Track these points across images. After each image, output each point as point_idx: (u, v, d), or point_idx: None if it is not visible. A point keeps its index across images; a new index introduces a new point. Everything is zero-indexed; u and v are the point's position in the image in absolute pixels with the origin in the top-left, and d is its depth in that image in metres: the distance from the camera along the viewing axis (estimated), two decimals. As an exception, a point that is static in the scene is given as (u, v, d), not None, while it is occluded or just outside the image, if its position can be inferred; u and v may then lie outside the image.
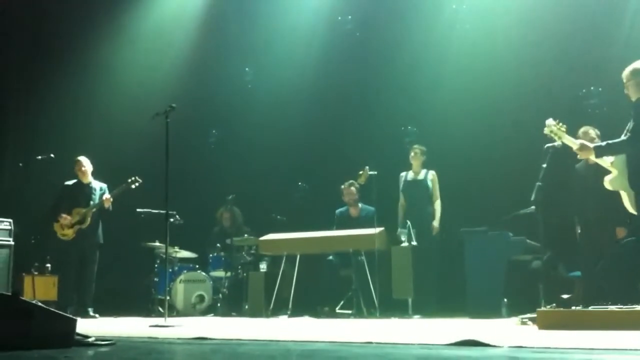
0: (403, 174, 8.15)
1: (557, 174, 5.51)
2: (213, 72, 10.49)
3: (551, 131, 5.29)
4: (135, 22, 10.62)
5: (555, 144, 5.69)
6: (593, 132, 6.09)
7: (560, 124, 5.30)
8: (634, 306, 4.72)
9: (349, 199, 8.31)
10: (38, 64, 10.89)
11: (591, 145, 5.14)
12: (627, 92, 5.24)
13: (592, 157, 5.21)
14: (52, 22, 10.76)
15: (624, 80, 5.26)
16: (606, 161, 5.20)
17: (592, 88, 7.65)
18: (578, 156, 5.31)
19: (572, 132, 6.34)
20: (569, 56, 8.04)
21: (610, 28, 7.92)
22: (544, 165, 5.58)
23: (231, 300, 8.57)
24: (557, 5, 8.25)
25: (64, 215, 8.14)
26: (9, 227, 8.23)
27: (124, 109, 10.33)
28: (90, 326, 5.62)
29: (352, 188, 8.24)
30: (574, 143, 5.26)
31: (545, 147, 5.68)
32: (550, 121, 5.30)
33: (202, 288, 8.67)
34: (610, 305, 4.81)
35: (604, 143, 5.11)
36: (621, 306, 4.76)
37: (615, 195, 5.24)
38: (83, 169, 8.29)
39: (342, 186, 8.33)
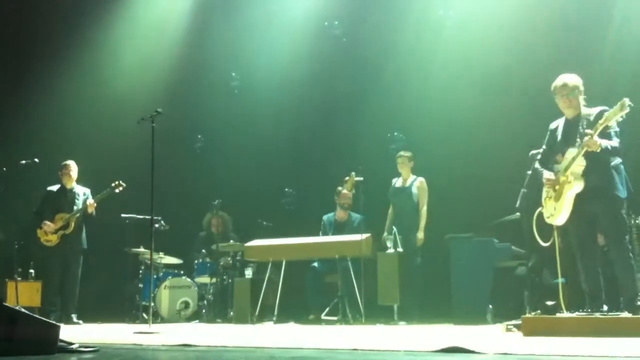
0: (394, 180, 8.14)
1: (542, 180, 5.53)
2: (200, 77, 10.46)
3: (623, 107, 4.87)
4: (121, 26, 10.58)
5: (540, 150, 5.71)
6: None
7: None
8: (617, 313, 4.75)
9: (345, 202, 8.22)
10: (22, 67, 10.81)
11: (599, 143, 4.95)
12: (562, 100, 5.27)
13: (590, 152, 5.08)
14: (37, 24, 10.68)
15: (565, 92, 5.25)
16: (582, 167, 5.12)
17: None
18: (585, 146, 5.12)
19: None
20: (556, 64, 8.06)
21: (599, 32, 7.95)
22: (529, 172, 5.61)
23: (216, 307, 8.53)
24: (544, 11, 8.29)
25: (47, 223, 8.09)
26: (-8, 233, 8.17)
27: (109, 113, 10.28)
28: (74, 332, 5.58)
29: (350, 193, 8.14)
30: (597, 130, 5.00)
31: (530, 153, 5.71)
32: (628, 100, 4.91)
33: (187, 294, 8.63)
34: (594, 312, 4.85)
35: (609, 145, 5.03)
36: (605, 313, 4.79)
37: (591, 204, 5.20)
38: (71, 173, 8.24)
39: (340, 188, 8.21)
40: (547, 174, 5.38)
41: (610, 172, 5.16)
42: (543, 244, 5.32)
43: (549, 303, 5.08)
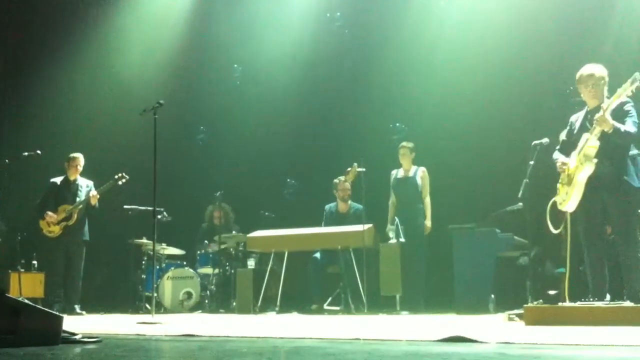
0: (394, 171, 8.13)
1: (544, 170, 5.52)
2: (202, 69, 10.46)
3: (634, 81, 4.84)
4: (124, 18, 10.57)
5: (543, 140, 5.71)
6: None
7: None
8: (619, 302, 4.75)
9: (344, 194, 8.25)
10: (25, 60, 10.81)
11: (611, 123, 4.91)
12: (586, 90, 5.22)
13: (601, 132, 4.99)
14: (40, 17, 10.68)
15: (591, 82, 5.18)
16: (594, 149, 5.09)
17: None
18: (596, 125, 5.00)
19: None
20: (559, 54, 8.07)
21: (600, 26, 7.94)
22: (531, 162, 5.59)
23: (219, 297, 8.56)
24: (547, 3, 8.27)
25: (49, 214, 8.09)
26: (-5, 224, 8.19)
27: (112, 105, 10.28)
28: (77, 323, 5.59)
29: (347, 184, 8.19)
30: (607, 109, 4.95)
31: (533, 144, 5.69)
32: (639, 75, 4.87)
33: (189, 285, 8.65)
34: (597, 301, 4.85)
35: (622, 127, 4.95)
36: (607, 302, 4.80)
37: (602, 191, 5.20)
38: (78, 166, 8.24)
39: (336, 180, 8.26)
40: (562, 158, 5.31)
41: (625, 160, 5.09)
42: (554, 231, 5.28)
43: (551, 292, 5.07)
